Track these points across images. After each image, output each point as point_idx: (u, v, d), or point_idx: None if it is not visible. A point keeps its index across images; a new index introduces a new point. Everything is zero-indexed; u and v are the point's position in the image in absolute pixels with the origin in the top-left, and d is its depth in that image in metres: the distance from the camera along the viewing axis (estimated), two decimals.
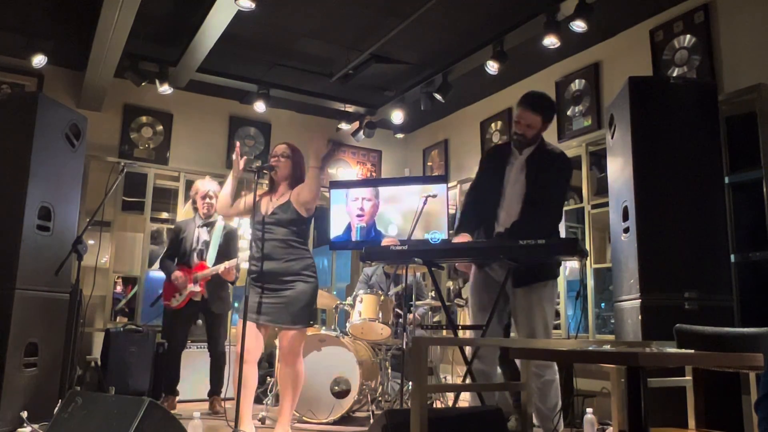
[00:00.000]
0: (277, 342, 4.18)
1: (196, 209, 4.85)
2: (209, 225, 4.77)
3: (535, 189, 3.10)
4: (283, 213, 3.40)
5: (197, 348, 5.13)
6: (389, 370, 4.64)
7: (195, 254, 4.70)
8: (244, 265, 4.78)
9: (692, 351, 2.01)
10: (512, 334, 3.44)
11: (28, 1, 4.76)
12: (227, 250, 4.73)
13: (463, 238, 3.11)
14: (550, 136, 5.40)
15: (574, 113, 5.36)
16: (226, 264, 4.55)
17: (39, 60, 5.31)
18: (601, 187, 5.04)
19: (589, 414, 3.50)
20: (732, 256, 3.78)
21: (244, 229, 5.43)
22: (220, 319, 4.74)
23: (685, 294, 3.29)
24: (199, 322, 4.96)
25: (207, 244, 4.72)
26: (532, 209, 3.07)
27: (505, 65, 4.94)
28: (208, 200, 4.73)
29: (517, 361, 3.04)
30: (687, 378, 2.41)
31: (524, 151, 3.20)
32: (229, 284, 4.81)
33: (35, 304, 3.66)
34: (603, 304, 5.13)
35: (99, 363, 4.95)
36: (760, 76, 4.00)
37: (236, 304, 6.12)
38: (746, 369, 2.01)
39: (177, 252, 4.76)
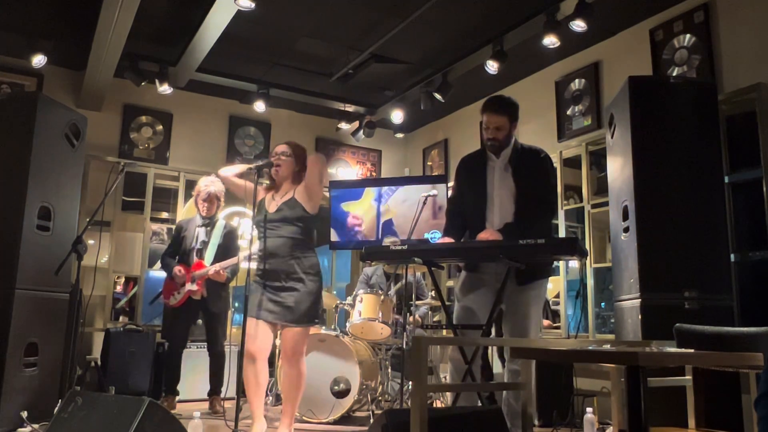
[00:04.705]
0: (278, 341, 4.18)
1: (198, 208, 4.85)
2: (209, 225, 4.78)
3: (526, 187, 3.09)
4: (290, 210, 3.35)
5: (197, 348, 5.13)
6: (389, 370, 4.64)
7: (194, 253, 4.72)
8: (244, 265, 4.78)
9: (692, 350, 2.01)
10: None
11: (28, 1, 4.76)
12: (227, 249, 4.74)
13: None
14: (549, 135, 5.46)
15: (574, 113, 5.35)
16: (217, 266, 4.57)
17: (39, 60, 5.31)
18: (601, 187, 5.04)
19: (589, 414, 3.50)
20: (732, 256, 3.78)
21: (243, 228, 5.43)
22: (219, 319, 4.75)
23: (685, 293, 3.29)
24: (200, 321, 4.97)
25: (205, 243, 4.73)
26: (528, 208, 3.06)
27: (504, 65, 4.94)
28: (207, 204, 4.74)
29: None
30: (687, 378, 2.41)
31: (501, 153, 3.19)
32: (229, 284, 4.82)
33: (35, 304, 3.66)
34: (603, 304, 5.13)
35: (99, 363, 4.94)
36: (760, 75, 4.00)
37: (237, 304, 6.13)
38: (746, 368, 2.01)
39: (178, 250, 4.79)
